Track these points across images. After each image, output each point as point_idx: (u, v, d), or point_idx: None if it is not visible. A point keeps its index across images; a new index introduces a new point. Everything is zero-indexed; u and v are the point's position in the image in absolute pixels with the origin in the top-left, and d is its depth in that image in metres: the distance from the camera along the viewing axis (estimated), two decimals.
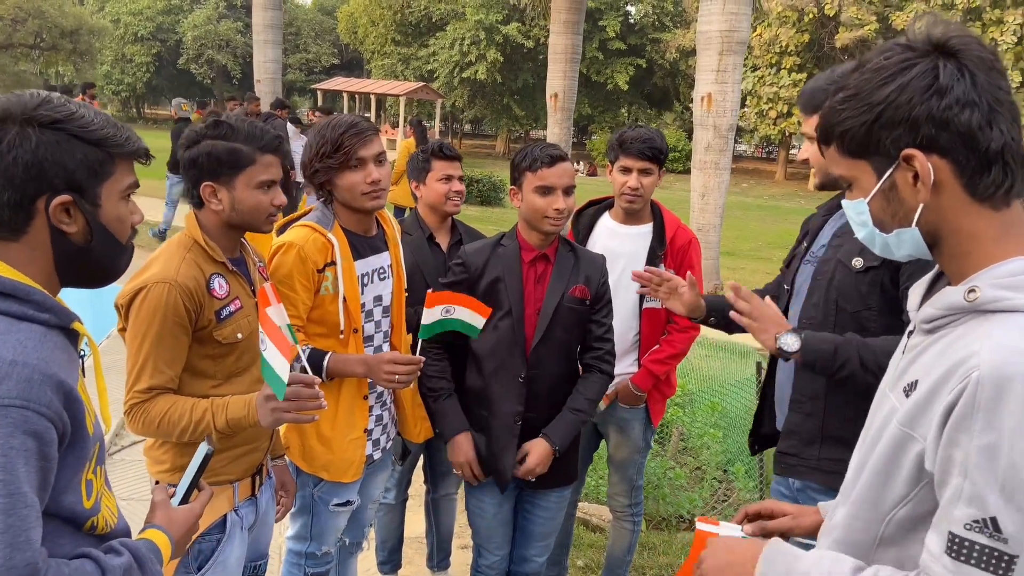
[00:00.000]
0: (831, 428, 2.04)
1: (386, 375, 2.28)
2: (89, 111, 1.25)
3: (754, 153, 47.79)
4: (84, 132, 1.22)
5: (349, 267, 2.35)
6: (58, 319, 1.21)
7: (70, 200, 1.22)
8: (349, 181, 2.32)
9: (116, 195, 1.29)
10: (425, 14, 36.02)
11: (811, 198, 28.27)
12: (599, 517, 3.97)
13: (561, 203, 2.44)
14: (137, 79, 44.16)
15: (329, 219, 2.37)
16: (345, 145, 2.28)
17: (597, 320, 2.62)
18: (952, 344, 1.10)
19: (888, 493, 1.17)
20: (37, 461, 1.10)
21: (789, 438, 2.14)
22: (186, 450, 2.03)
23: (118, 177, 1.29)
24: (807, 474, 2.09)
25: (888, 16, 26.53)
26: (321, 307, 2.34)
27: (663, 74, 35.62)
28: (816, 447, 2.06)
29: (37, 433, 1.10)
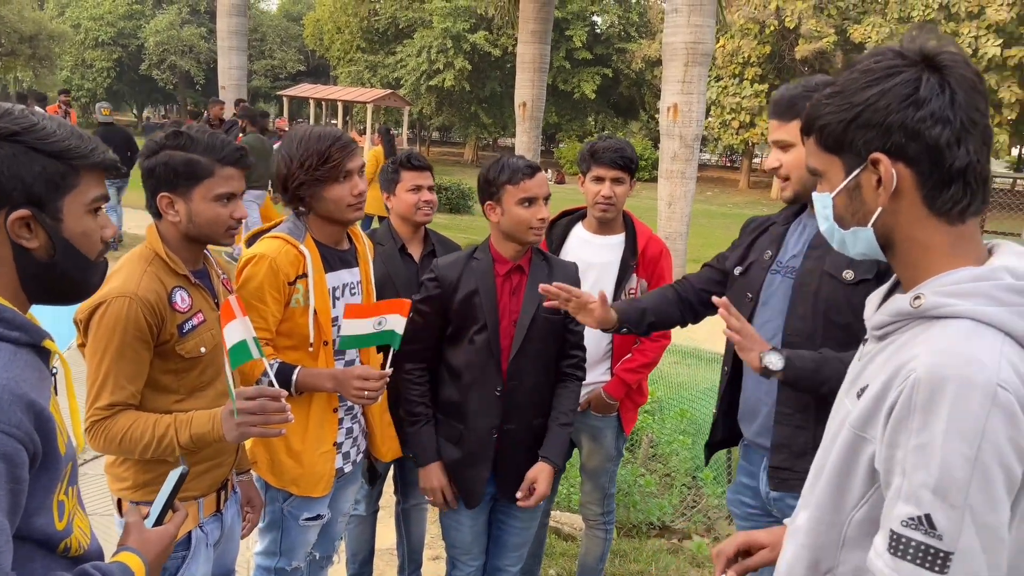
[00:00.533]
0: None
1: (355, 390, 2.25)
2: (52, 122, 1.21)
3: (718, 162, 48.43)
4: (43, 144, 1.18)
5: (320, 280, 2.32)
6: (28, 337, 1.18)
7: (28, 215, 1.18)
8: (336, 194, 2.29)
9: (81, 208, 1.24)
10: (392, 22, 35.96)
11: (774, 206, 28.59)
12: (570, 525, 3.98)
13: (544, 212, 2.46)
14: (98, 84, 43.36)
15: (301, 231, 2.34)
16: (334, 158, 2.25)
17: (572, 328, 2.64)
18: (899, 349, 1.13)
19: (847, 495, 1.20)
20: (7, 484, 1.07)
21: (780, 451, 2.10)
22: (148, 467, 1.99)
23: (82, 190, 1.24)
24: (800, 487, 2.05)
25: (846, 29, 27.11)
26: (291, 319, 2.31)
27: (629, 84, 35.97)
28: (808, 459, 1.99)
29: (7, 455, 1.06)
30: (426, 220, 3.02)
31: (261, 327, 2.23)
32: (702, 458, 4.65)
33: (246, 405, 1.79)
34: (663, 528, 4.10)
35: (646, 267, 2.96)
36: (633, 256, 2.94)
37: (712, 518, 4.23)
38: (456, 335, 2.54)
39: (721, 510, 4.28)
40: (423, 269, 3.02)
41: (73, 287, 1.30)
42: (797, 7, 26.88)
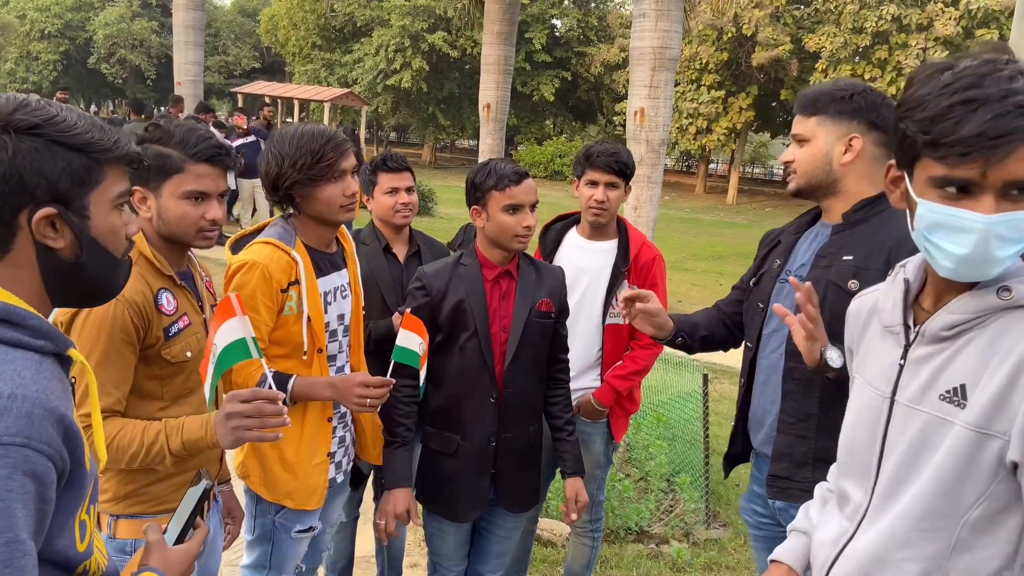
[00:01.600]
0: (824, 450, 1.96)
1: (357, 399, 2.18)
2: (72, 113, 1.13)
3: (675, 167, 49.01)
4: (66, 137, 1.09)
5: (313, 285, 2.24)
6: (54, 346, 1.10)
7: (55, 212, 1.10)
8: (329, 194, 2.21)
9: (107, 204, 1.17)
10: (349, 19, 35.60)
11: (729, 211, 29.13)
12: (551, 532, 3.95)
13: (530, 220, 2.41)
14: (43, 78, 42.03)
15: (291, 235, 2.25)
16: (328, 157, 2.18)
17: (560, 332, 2.62)
18: (997, 340, 1.19)
19: (961, 497, 1.21)
20: (35, 504, 0.99)
21: (780, 460, 2.09)
22: (130, 478, 1.92)
23: (107, 185, 1.16)
24: (799, 497, 2.01)
25: (801, 38, 27.66)
26: (284, 328, 2.22)
27: (588, 87, 36.18)
28: (808, 469, 2.01)
29: (37, 474, 0.99)
30: (405, 222, 2.98)
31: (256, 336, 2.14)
32: (678, 463, 4.69)
33: (241, 408, 1.70)
34: (641, 533, 4.09)
35: (638, 273, 2.94)
36: (625, 262, 2.92)
37: (689, 523, 4.23)
38: (446, 343, 2.48)
39: (698, 515, 4.29)
40: (408, 269, 2.97)
41: (99, 288, 1.22)
42: (754, 15, 27.33)
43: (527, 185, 2.41)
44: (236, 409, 1.70)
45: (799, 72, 28.41)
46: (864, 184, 2.00)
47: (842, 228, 2.03)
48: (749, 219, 26.80)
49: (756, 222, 25.61)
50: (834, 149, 1.99)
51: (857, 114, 1.97)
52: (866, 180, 2.00)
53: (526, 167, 9.92)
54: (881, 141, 1.99)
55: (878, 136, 1.99)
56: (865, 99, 1.98)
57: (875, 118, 1.97)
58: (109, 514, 1.94)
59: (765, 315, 2.18)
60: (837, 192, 2.03)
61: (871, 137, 1.98)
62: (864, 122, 1.98)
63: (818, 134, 2.01)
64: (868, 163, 2.00)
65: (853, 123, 1.98)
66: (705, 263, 15.25)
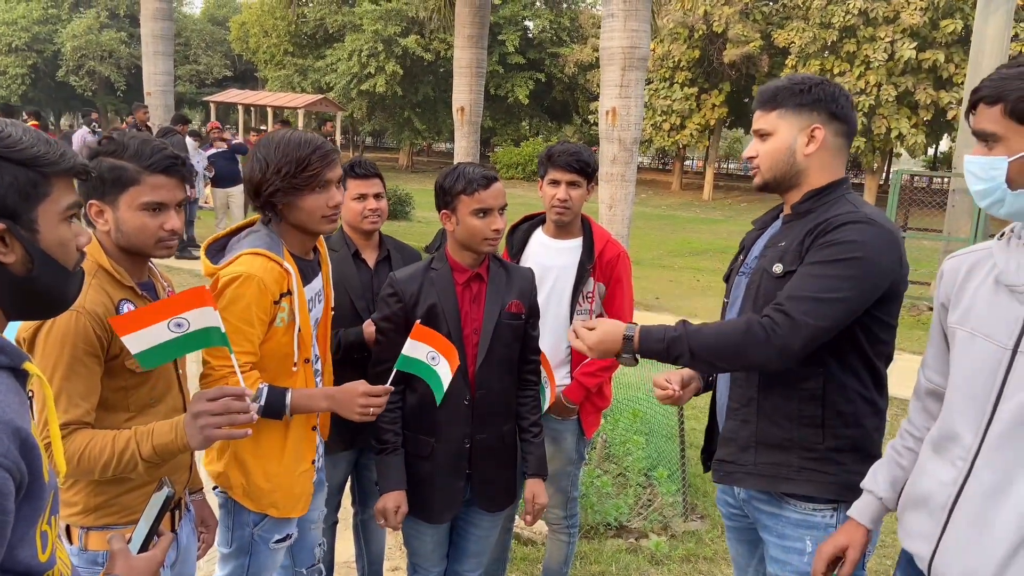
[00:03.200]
0: (765, 434, 2.06)
1: (360, 408, 2.18)
2: (17, 129, 1.14)
3: (651, 164, 49.24)
4: (12, 152, 1.11)
5: (302, 296, 2.24)
6: (9, 359, 1.11)
7: (3, 228, 1.11)
8: (312, 204, 2.19)
9: (55, 217, 1.18)
10: (320, 25, 35.44)
11: (705, 207, 29.35)
12: (531, 530, 3.97)
13: (499, 223, 2.43)
14: (12, 92, 41.46)
15: (278, 244, 2.23)
16: (313, 166, 2.15)
17: (530, 333, 2.65)
18: None
19: None
20: None
21: (727, 445, 2.16)
22: (100, 490, 1.91)
23: (55, 198, 1.18)
24: (744, 480, 2.12)
25: (771, 33, 27.92)
26: (272, 339, 2.20)
27: (562, 88, 36.26)
28: (752, 452, 2.09)
29: None
30: (373, 228, 2.98)
31: (248, 351, 2.13)
32: (655, 457, 4.73)
33: (208, 406, 1.71)
34: (620, 528, 4.13)
35: (603, 270, 2.97)
36: (590, 259, 2.95)
37: (667, 516, 4.27)
38: None
39: (675, 508, 4.34)
40: (378, 275, 2.98)
41: (52, 300, 1.23)
42: (724, 12, 27.54)
43: (496, 189, 2.44)
44: (203, 408, 1.71)
45: (770, 68, 28.67)
46: (823, 174, 2.05)
47: (790, 219, 2.10)
48: (725, 214, 27.01)
49: (732, 217, 25.81)
50: (797, 141, 2.04)
51: (817, 105, 2.02)
52: (825, 170, 2.05)
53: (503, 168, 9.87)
54: (841, 131, 2.05)
55: (838, 126, 2.04)
56: (824, 90, 2.02)
57: (834, 108, 2.02)
58: (80, 526, 1.93)
59: (726, 307, 2.25)
60: (799, 184, 2.07)
61: (832, 127, 2.03)
62: (824, 113, 2.02)
63: (780, 127, 2.06)
64: (828, 153, 2.05)
65: (814, 114, 2.03)
66: (682, 259, 15.36)
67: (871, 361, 2.00)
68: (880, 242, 1.88)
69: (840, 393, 1.99)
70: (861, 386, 2.00)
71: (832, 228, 1.91)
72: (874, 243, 1.88)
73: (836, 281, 1.86)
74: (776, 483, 2.06)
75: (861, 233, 1.88)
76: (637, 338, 2.02)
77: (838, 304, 1.86)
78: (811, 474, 2.01)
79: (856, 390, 2.00)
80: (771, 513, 2.10)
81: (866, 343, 1.97)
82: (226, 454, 2.28)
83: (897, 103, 25.28)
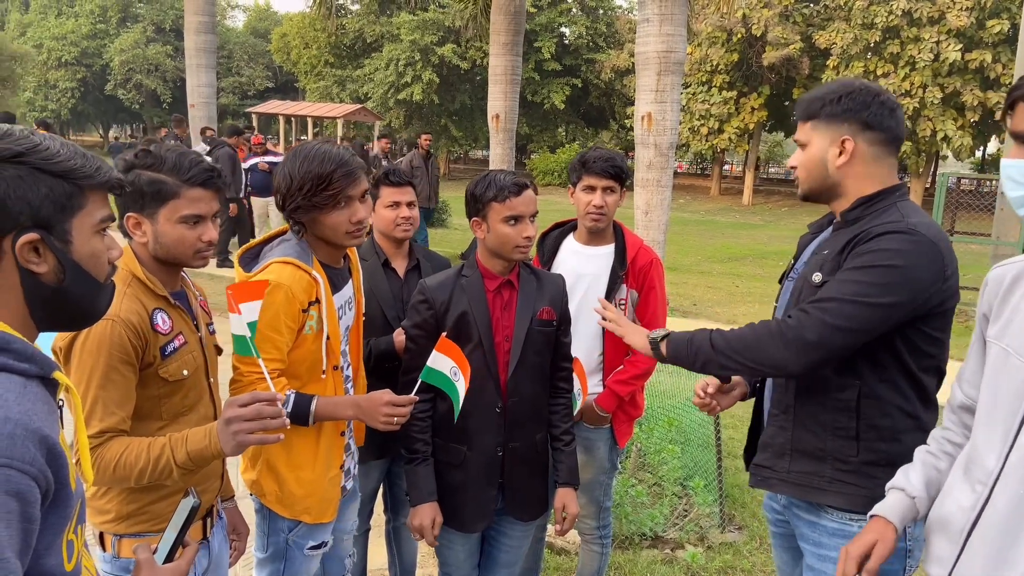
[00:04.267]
0: (800, 441, 2.04)
1: (384, 418, 2.19)
2: (55, 142, 1.16)
3: (689, 170, 48.87)
4: (48, 164, 1.13)
5: (330, 304, 2.25)
6: (39, 368, 1.12)
7: (37, 238, 1.13)
8: (334, 220, 2.20)
9: (88, 229, 1.20)
10: (359, 36, 35.93)
11: (745, 212, 29.03)
12: (564, 540, 3.94)
13: (530, 230, 2.41)
14: (62, 105, 42.85)
15: (308, 254, 2.24)
16: (335, 184, 2.15)
17: (561, 340, 2.62)
18: None
19: None
20: (19, 523, 1.01)
21: (764, 450, 2.15)
22: (132, 498, 1.93)
23: (89, 210, 1.20)
24: (779, 486, 2.10)
25: (812, 35, 27.54)
26: (301, 347, 2.21)
27: (599, 94, 36.22)
28: (787, 460, 2.07)
29: (20, 493, 1.01)
30: (405, 236, 2.99)
31: (276, 358, 2.15)
32: (691, 467, 4.67)
33: (241, 412, 1.72)
34: (655, 539, 4.07)
35: (636, 277, 2.94)
36: (622, 266, 2.92)
37: (704, 527, 4.20)
38: None
39: (712, 519, 4.26)
40: (408, 284, 2.98)
41: (83, 311, 1.25)
42: (763, 15, 27.26)
43: (527, 196, 2.42)
44: (235, 413, 1.72)
45: (811, 70, 28.28)
46: (863, 183, 2.00)
47: (840, 226, 2.05)
48: (765, 219, 26.68)
49: (773, 222, 25.49)
50: (828, 153, 2.00)
51: (847, 115, 1.98)
52: (865, 179, 2.00)
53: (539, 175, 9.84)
54: (877, 139, 1.99)
55: (873, 135, 1.98)
56: (854, 100, 1.97)
57: (867, 117, 1.97)
58: (112, 533, 1.95)
59: (774, 314, 2.23)
60: (840, 194, 2.03)
61: (865, 137, 1.98)
62: (856, 123, 1.97)
63: (813, 139, 2.03)
64: (865, 163, 1.99)
65: (844, 125, 1.98)
66: (721, 265, 15.17)
67: (915, 375, 1.93)
68: (919, 253, 1.83)
69: (876, 406, 1.94)
70: (903, 400, 1.94)
71: (871, 237, 1.87)
72: (913, 254, 1.82)
73: (864, 286, 1.82)
74: (808, 492, 2.03)
75: (900, 243, 1.83)
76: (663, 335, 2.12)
77: (862, 307, 1.82)
78: (843, 486, 1.98)
79: (896, 404, 1.94)
80: (809, 521, 2.08)
81: (909, 357, 1.91)
82: (259, 462, 2.30)
83: (943, 105, 24.74)
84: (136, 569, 1.36)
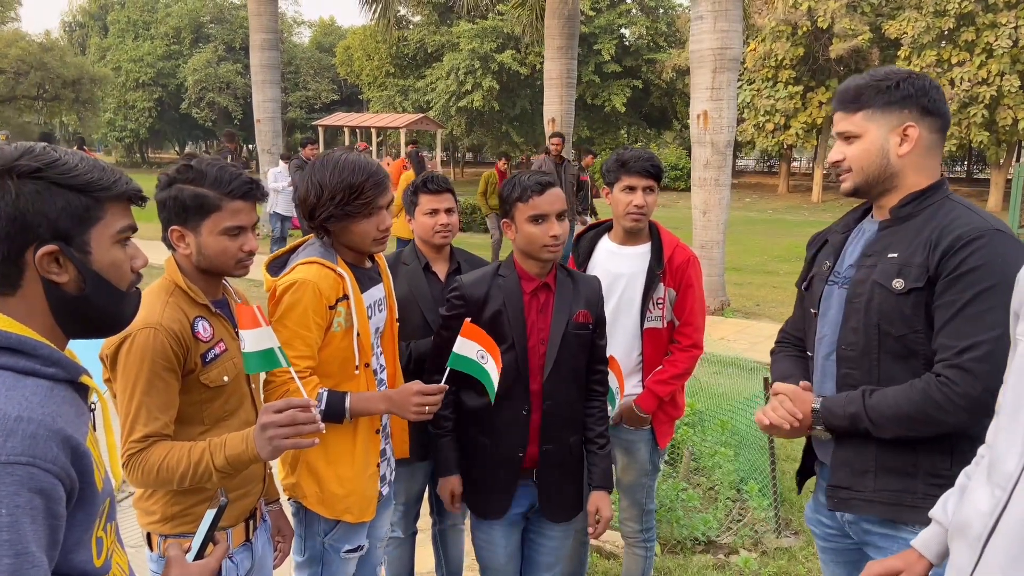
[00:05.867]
0: (885, 458, 1.92)
1: (416, 407, 2.23)
2: (73, 157, 1.22)
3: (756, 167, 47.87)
4: (65, 178, 1.19)
5: (359, 300, 2.30)
6: (66, 373, 1.18)
7: (56, 249, 1.19)
8: (364, 228, 2.26)
9: (108, 240, 1.25)
10: (420, 46, 36.43)
11: (814, 209, 28.25)
12: (612, 543, 3.90)
13: (556, 229, 2.40)
14: (140, 124, 44.68)
15: (332, 254, 2.30)
16: (367, 193, 2.21)
17: (597, 343, 2.60)
18: None
19: None
20: (45, 519, 1.06)
21: (839, 470, 2.01)
22: (177, 500, 2.00)
23: (108, 221, 1.25)
24: (863, 508, 1.97)
25: (881, 25, 26.66)
26: (331, 344, 2.26)
27: (660, 94, 35.80)
28: (871, 478, 1.94)
29: (43, 491, 1.06)
30: (444, 242, 3.01)
31: (305, 355, 2.20)
32: (746, 470, 4.57)
33: (276, 418, 1.77)
34: (708, 543, 4.00)
35: (673, 276, 2.90)
36: (659, 265, 2.89)
37: (759, 532, 4.10)
38: None
39: (768, 523, 4.16)
40: (448, 287, 3.00)
41: (107, 319, 1.30)
42: (829, 7, 26.49)
43: (551, 194, 2.41)
44: (271, 419, 1.77)
45: (881, 61, 27.37)
46: (919, 175, 1.92)
47: (889, 224, 1.95)
48: (836, 216, 25.85)
49: None
50: (889, 142, 1.91)
51: (907, 102, 1.89)
52: (921, 171, 1.92)
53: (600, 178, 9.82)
54: (935, 127, 1.91)
55: (932, 122, 1.90)
56: (913, 85, 1.89)
57: (927, 103, 1.88)
58: (159, 534, 2.03)
59: (817, 318, 2.11)
60: (894, 187, 1.94)
61: (926, 124, 1.90)
62: (916, 109, 1.89)
63: (869, 129, 1.93)
64: (922, 151, 1.92)
65: (905, 112, 1.89)
66: (788, 265, 14.79)
67: None
68: (1008, 255, 1.75)
69: None
70: None
71: (959, 247, 1.78)
72: (1003, 259, 1.75)
73: (993, 313, 1.74)
74: (899, 511, 1.91)
75: (989, 251, 1.76)
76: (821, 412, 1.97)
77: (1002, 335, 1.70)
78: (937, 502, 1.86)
79: None
80: (885, 535, 1.96)
81: None
82: (299, 465, 2.35)
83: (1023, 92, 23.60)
84: (167, 566, 1.41)
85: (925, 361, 1.86)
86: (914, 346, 1.88)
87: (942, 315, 1.80)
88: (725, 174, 9.33)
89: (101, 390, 1.29)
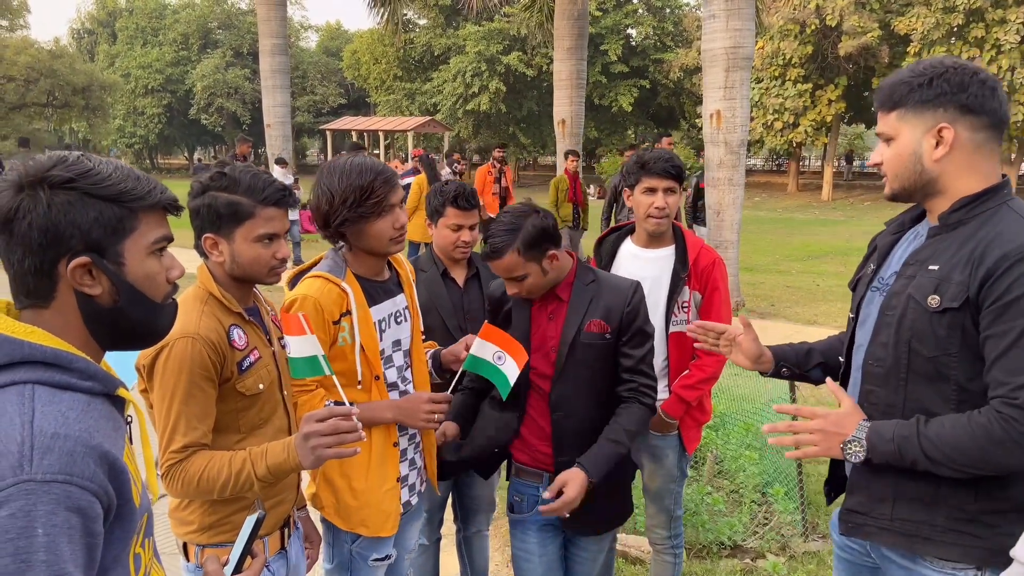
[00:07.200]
0: (905, 486, 1.78)
1: (425, 415, 2.22)
2: (107, 166, 1.19)
3: (764, 166, 47.72)
4: (98, 189, 1.16)
5: (365, 315, 2.28)
6: (102, 386, 1.16)
7: (89, 261, 1.16)
8: (379, 228, 2.25)
9: (142, 251, 1.22)
10: (426, 49, 36.51)
11: (824, 208, 28.12)
12: (638, 548, 3.85)
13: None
14: (149, 131, 44.94)
15: (341, 267, 2.30)
16: (377, 192, 2.20)
17: (624, 352, 2.44)
18: None
19: None
20: (82, 538, 1.03)
21: (856, 493, 1.89)
22: (214, 509, 1.98)
23: (142, 232, 1.21)
24: (877, 535, 1.85)
25: (890, 22, 26.54)
26: (339, 359, 2.24)
27: (667, 93, 35.77)
28: (888, 505, 1.82)
29: (81, 509, 1.03)
30: (463, 257, 3.00)
31: None
32: (771, 473, 4.51)
33: (318, 427, 1.76)
34: (735, 547, 3.95)
35: (698, 278, 2.86)
36: (684, 268, 2.85)
37: (786, 535, 4.05)
38: None
39: (794, 527, 4.11)
40: (467, 293, 3.00)
41: (142, 331, 1.27)
42: (838, 4, 26.39)
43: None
44: (313, 429, 1.76)
45: (891, 58, 27.22)
46: (968, 178, 1.73)
47: (937, 231, 1.78)
48: (847, 215, 25.79)
49: (854, 218, 24.62)
50: (922, 145, 1.74)
51: (941, 100, 1.70)
52: (970, 173, 1.73)
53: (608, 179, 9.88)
54: (980, 125, 1.71)
55: (974, 120, 1.70)
56: (948, 81, 1.70)
57: (966, 100, 1.69)
58: (196, 544, 2.02)
59: (855, 324, 1.97)
60: (938, 191, 1.76)
61: (965, 123, 1.70)
62: (952, 107, 1.70)
63: (902, 130, 1.76)
64: (968, 153, 1.72)
65: (939, 111, 1.71)
66: (800, 264, 14.71)
67: None
68: None
69: None
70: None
71: (1005, 269, 1.61)
72: None
73: None
74: (916, 543, 1.78)
75: None
76: (867, 436, 1.76)
77: None
78: (959, 536, 1.73)
79: None
80: (903, 567, 1.84)
81: None
82: (318, 475, 2.34)
83: None
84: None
85: (956, 387, 1.71)
86: (945, 370, 1.72)
87: (993, 347, 1.64)
88: (739, 174, 9.26)
89: (138, 403, 1.27)
